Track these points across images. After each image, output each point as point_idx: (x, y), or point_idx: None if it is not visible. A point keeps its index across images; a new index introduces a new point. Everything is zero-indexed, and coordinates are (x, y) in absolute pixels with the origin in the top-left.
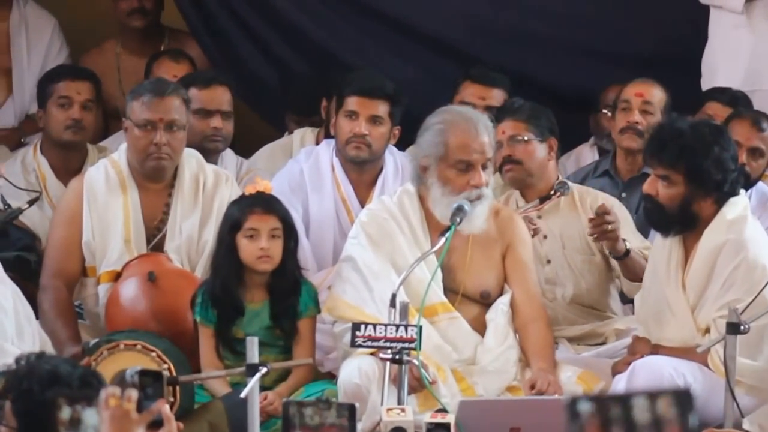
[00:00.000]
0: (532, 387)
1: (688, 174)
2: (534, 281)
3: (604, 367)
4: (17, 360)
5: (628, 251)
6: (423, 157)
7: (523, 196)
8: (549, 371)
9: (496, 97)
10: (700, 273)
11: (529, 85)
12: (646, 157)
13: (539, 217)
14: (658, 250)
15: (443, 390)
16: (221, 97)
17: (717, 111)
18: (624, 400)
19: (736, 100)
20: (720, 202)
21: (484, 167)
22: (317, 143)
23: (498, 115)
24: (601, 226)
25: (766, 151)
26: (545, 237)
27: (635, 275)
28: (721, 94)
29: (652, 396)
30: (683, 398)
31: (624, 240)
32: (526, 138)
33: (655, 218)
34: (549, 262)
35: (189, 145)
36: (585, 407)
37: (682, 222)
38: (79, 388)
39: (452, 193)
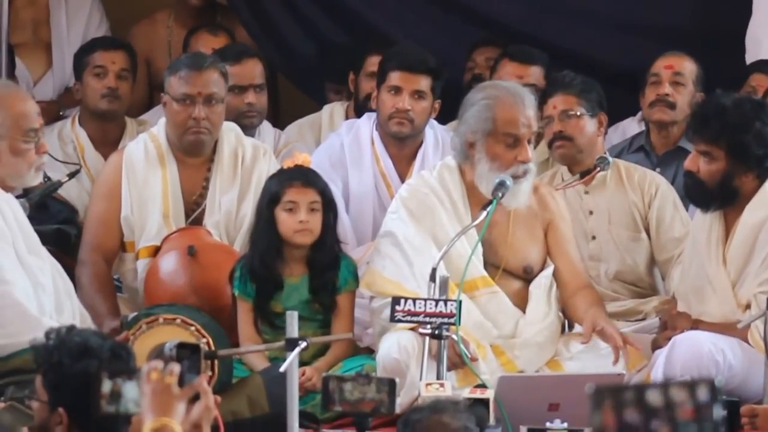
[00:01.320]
0: (594, 329)
1: (730, 149)
2: (577, 255)
3: (644, 342)
4: (47, 334)
5: None
6: (470, 132)
7: (570, 172)
8: (608, 320)
9: (534, 74)
10: (741, 249)
11: (573, 59)
12: (688, 133)
13: (586, 192)
14: (698, 226)
15: (483, 367)
16: (253, 70)
17: (761, 82)
18: (641, 390)
19: None
20: (762, 178)
21: (529, 141)
22: (347, 117)
23: (548, 89)
24: None
25: None
26: (591, 213)
27: None
28: (766, 65)
29: (689, 384)
30: (711, 389)
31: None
32: (578, 113)
33: (695, 194)
34: (594, 238)
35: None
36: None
37: (723, 197)
38: (109, 360)
39: (500, 169)
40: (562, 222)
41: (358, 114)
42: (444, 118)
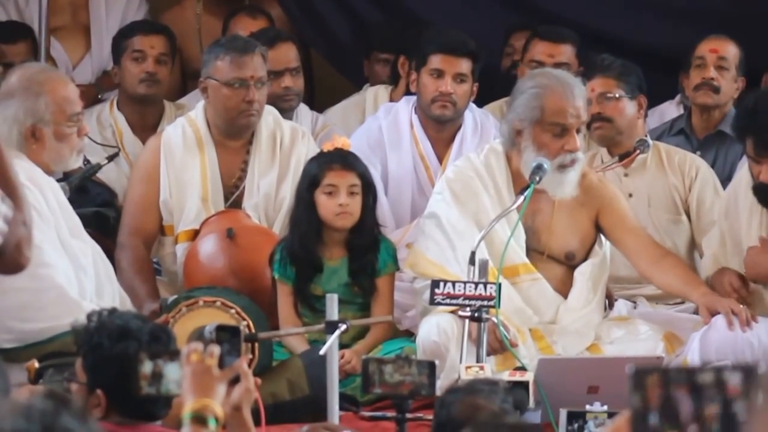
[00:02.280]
0: (713, 313)
1: None
2: (641, 227)
3: (685, 323)
4: (88, 316)
5: None
6: (518, 120)
7: (609, 153)
8: (714, 293)
9: (565, 52)
10: None
11: (610, 43)
12: (759, 152)
13: (626, 175)
14: (743, 218)
15: (522, 351)
16: (287, 54)
17: None
18: (689, 372)
19: None
20: None
21: (578, 131)
22: (391, 101)
23: (587, 72)
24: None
25: None
26: (630, 195)
27: None
28: None
29: (717, 371)
30: (749, 373)
31: None
32: (617, 95)
33: None
34: None
35: None
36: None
37: None
38: (149, 343)
39: (547, 158)
40: (616, 202)
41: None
42: (479, 101)
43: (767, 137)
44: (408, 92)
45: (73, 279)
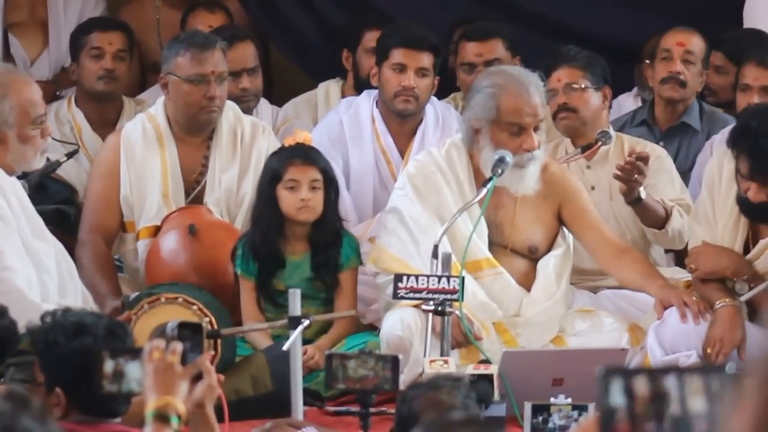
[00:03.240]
0: (666, 306)
1: None
2: (602, 221)
3: (646, 306)
4: (42, 316)
5: (640, 198)
6: (475, 119)
7: (573, 144)
8: (672, 286)
9: (495, 49)
10: None
11: (569, 34)
12: (754, 176)
13: (588, 167)
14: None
15: (486, 344)
16: (244, 54)
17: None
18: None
19: (761, 39)
20: None
21: (536, 129)
22: (343, 95)
23: (553, 62)
24: (632, 171)
25: None
26: (593, 188)
27: (648, 220)
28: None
29: (681, 374)
30: (716, 375)
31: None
32: (582, 86)
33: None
34: None
35: None
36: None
37: None
38: (105, 339)
39: None
40: (577, 195)
41: (360, 90)
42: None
43: (764, 163)
44: (359, 85)
45: (35, 281)
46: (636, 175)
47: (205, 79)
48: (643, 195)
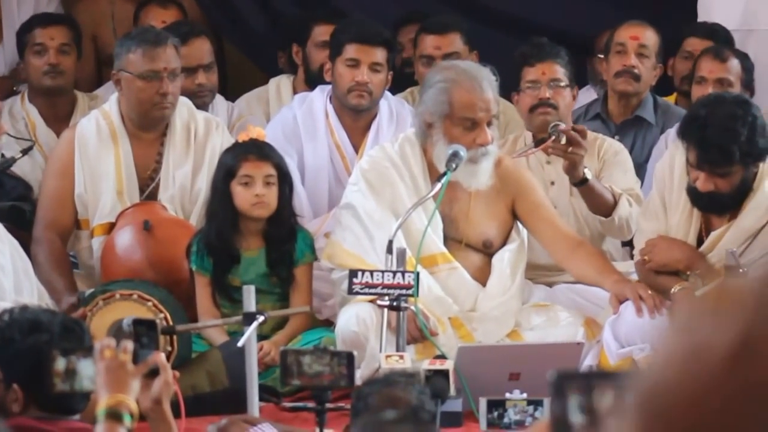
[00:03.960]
0: (621, 300)
1: (745, 160)
2: (557, 215)
3: (602, 301)
4: (0, 314)
5: (586, 179)
6: (428, 113)
7: (534, 138)
8: (626, 280)
9: (453, 42)
10: (732, 244)
11: (523, 28)
12: (701, 165)
13: (548, 162)
14: (676, 208)
15: (442, 339)
16: (200, 50)
17: (696, 46)
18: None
19: (714, 33)
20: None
21: (489, 124)
22: (294, 90)
23: (536, 54)
24: (566, 143)
25: (733, 82)
26: (552, 183)
27: (594, 206)
28: (699, 28)
29: None
30: None
31: (585, 168)
32: (563, 83)
33: (717, 207)
34: (555, 208)
35: None
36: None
37: (741, 198)
38: (60, 335)
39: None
40: (531, 190)
41: (311, 84)
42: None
43: (712, 154)
44: (310, 79)
45: None
46: (572, 148)
47: (157, 75)
48: (588, 176)
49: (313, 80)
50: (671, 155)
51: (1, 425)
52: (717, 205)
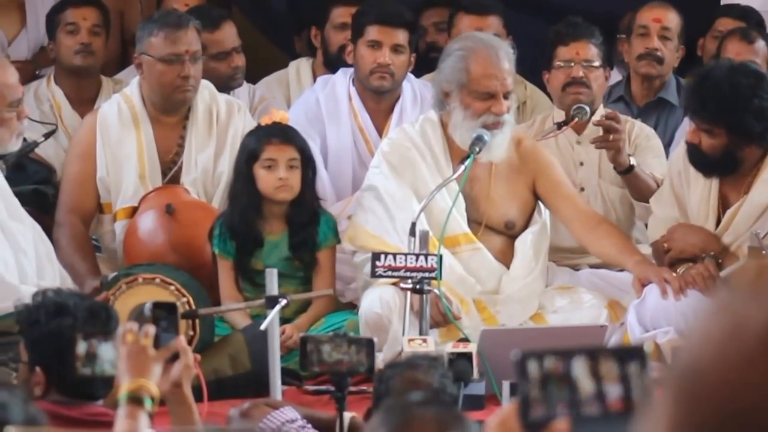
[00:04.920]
0: (645, 283)
1: (729, 128)
2: (577, 193)
3: (627, 285)
4: (33, 296)
5: (632, 167)
6: (445, 82)
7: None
8: (649, 262)
9: (492, 24)
10: (745, 224)
11: (549, 8)
12: (686, 112)
13: (578, 142)
14: (694, 190)
15: (466, 322)
16: (231, 33)
17: (728, 26)
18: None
19: (746, 15)
20: (765, 147)
21: (505, 96)
22: (313, 73)
23: (572, 33)
24: (605, 133)
25: (760, 65)
26: (581, 164)
27: (639, 194)
28: (732, 9)
29: (592, 355)
30: (636, 355)
31: (630, 155)
32: (597, 64)
33: (698, 163)
34: (582, 189)
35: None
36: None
37: (726, 167)
38: (86, 320)
39: (473, 117)
40: (551, 169)
41: (330, 67)
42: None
43: (695, 102)
44: (328, 61)
45: (13, 263)
46: (612, 135)
47: (179, 58)
48: (633, 162)
49: (331, 63)
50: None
51: (33, 407)
52: (698, 162)
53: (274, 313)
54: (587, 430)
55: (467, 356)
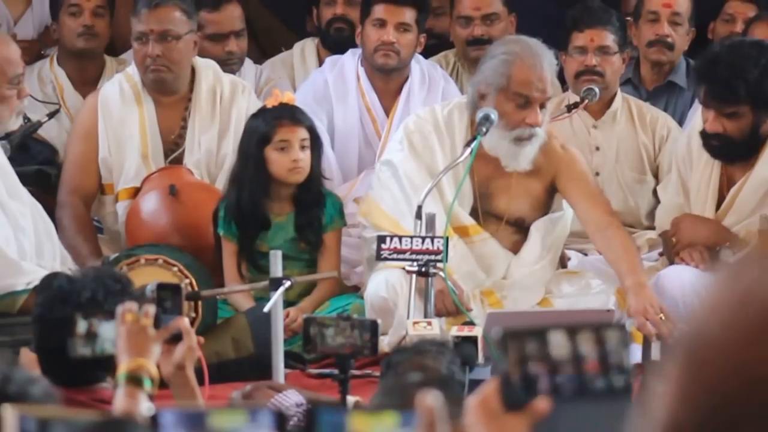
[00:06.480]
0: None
1: (754, 102)
2: (598, 189)
3: None
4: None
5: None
6: (484, 84)
7: (585, 108)
8: (646, 286)
9: (493, 3)
10: (749, 202)
11: None
12: (708, 102)
13: (595, 127)
14: (695, 171)
15: (474, 312)
16: (232, 16)
17: (738, 9)
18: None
19: None
20: None
21: (542, 106)
22: (318, 54)
23: (586, 18)
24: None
25: None
26: (597, 149)
27: None
28: None
29: (597, 329)
30: (621, 334)
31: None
32: (612, 51)
33: (724, 152)
34: (597, 174)
35: None
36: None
37: (752, 147)
38: (89, 300)
39: (506, 128)
40: (572, 164)
41: (325, 43)
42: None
43: (717, 90)
44: (323, 37)
45: (12, 240)
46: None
47: (145, 36)
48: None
49: (325, 38)
50: (693, 126)
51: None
52: (726, 150)
53: (277, 295)
54: (569, 408)
55: (472, 340)
